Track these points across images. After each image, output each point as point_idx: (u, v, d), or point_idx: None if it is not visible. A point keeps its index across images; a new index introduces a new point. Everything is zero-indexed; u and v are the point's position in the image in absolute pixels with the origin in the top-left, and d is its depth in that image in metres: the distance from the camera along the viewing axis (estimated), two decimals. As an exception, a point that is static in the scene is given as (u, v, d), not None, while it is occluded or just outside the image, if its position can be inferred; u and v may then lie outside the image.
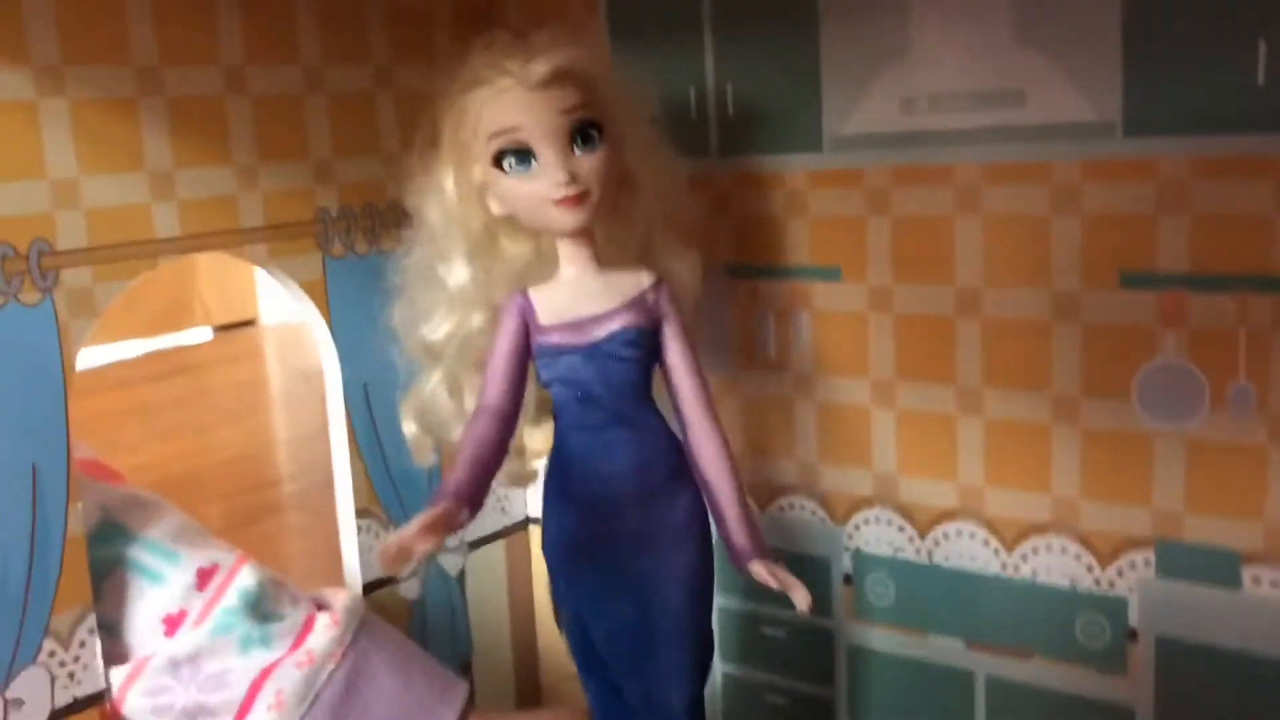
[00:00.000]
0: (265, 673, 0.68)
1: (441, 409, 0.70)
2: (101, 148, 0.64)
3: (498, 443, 0.63)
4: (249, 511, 1.50)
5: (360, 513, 0.79)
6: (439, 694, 0.72)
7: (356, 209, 0.77)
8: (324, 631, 0.70)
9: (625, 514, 0.64)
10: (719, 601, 0.84)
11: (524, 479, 0.76)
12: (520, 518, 0.92)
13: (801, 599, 0.61)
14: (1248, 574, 0.64)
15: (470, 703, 0.74)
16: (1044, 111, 0.66)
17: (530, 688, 0.93)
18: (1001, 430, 0.71)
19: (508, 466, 0.73)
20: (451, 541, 0.85)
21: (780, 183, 0.76)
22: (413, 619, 0.83)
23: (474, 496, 0.60)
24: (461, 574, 0.87)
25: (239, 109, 0.70)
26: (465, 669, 0.87)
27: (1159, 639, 0.67)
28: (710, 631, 0.67)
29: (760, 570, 0.62)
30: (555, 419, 0.66)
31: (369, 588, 0.80)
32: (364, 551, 0.80)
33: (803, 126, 0.74)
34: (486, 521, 0.89)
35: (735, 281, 0.79)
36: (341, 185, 0.76)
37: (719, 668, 0.85)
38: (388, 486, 0.81)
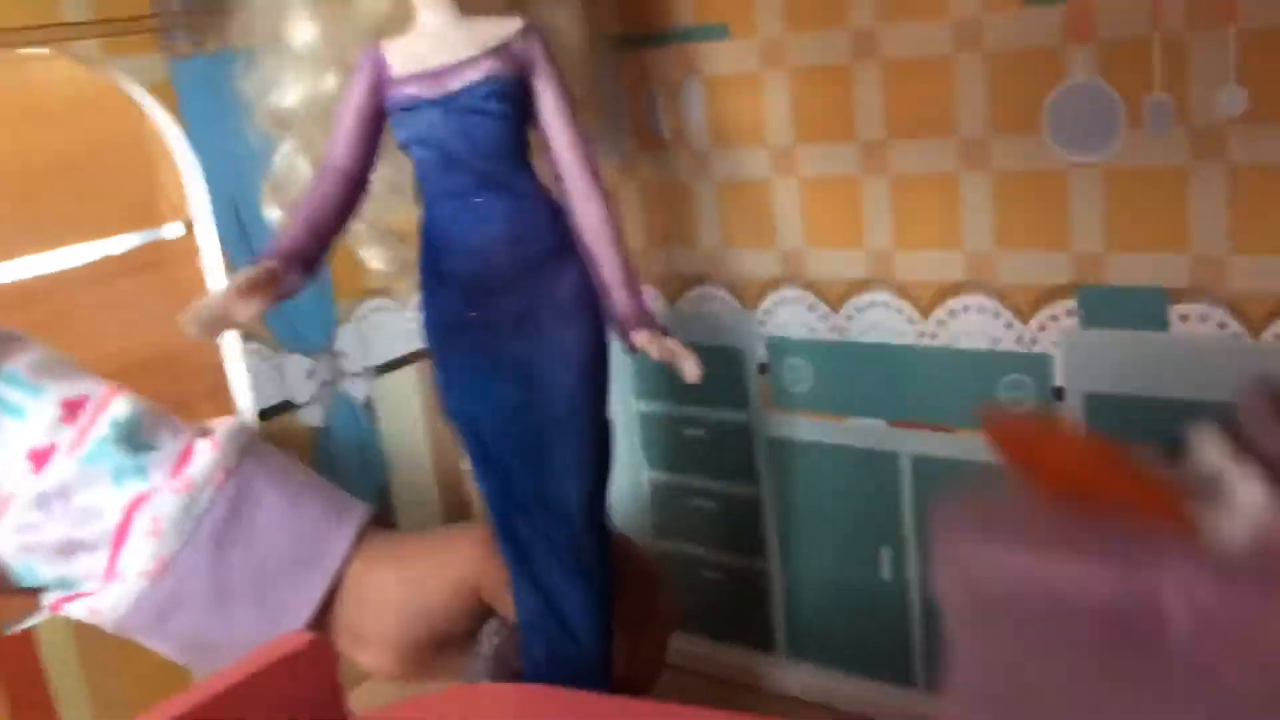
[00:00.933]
0: (140, 500, 0.64)
1: (301, 184, 0.65)
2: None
3: (339, 204, 0.57)
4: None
5: (246, 335, 0.75)
6: (333, 516, 0.68)
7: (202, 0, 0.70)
8: (203, 457, 0.66)
9: (503, 291, 0.58)
10: (640, 407, 0.80)
11: (412, 268, 0.71)
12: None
13: (689, 369, 0.57)
14: (1175, 313, 0.58)
15: (375, 526, 0.70)
16: None
17: (458, 518, 0.90)
18: (908, 186, 0.65)
19: (390, 253, 0.68)
20: (353, 367, 0.81)
21: (655, -66, 0.69)
22: (317, 448, 0.79)
23: (305, 257, 0.55)
24: (370, 400, 0.82)
25: (45, -111, 0.64)
26: (382, 499, 0.83)
27: (1086, 395, 0.62)
28: (607, 421, 0.62)
29: (644, 340, 0.57)
30: (420, 189, 0.60)
31: (265, 415, 0.76)
32: (256, 377, 0.75)
33: None
34: (396, 345, 0.84)
35: (618, 53, 0.72)
36: (183, -24, 0.70)
37: (645, 476, 0.81)
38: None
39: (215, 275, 0.74)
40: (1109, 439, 0.18)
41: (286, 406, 0.77)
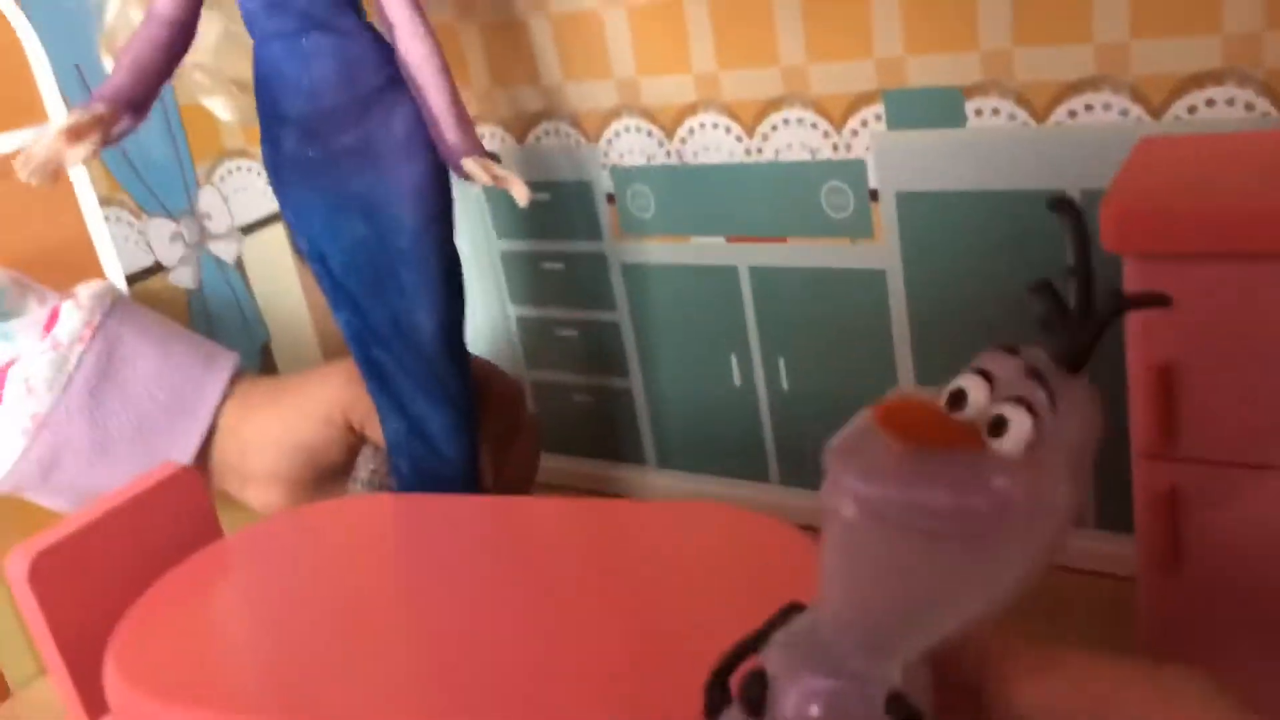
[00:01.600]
0: (10, 364, 0.67)
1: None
2: None
3: (166, 47, 0.59)
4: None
5: (104, 201, 0.76)
6: (204, 364, 0.70)
7: None
8: (69, 317, 0.68)
9: (339, 128, 0.61)
10: (500, 246, 0.83)
11: (253, 116, 0.72)
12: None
13: (519, 192, 0.60)
14: (970, 108, 0.63)
15: (250, 372, 0.73)
16: None
17: (342, 368, 0.93)
18: (726, 6, 0.68)
19: (234, 101, 0.69)
20: (219, 229, 0.83)
21: None
22: (192, 310, 0.82)
23: (133, 100, 0.56)
24: (239, 261, 0.85)
25: None
26: (264, 356, 0.86)
27: (898, 195, 0.67)
28: (454, 250, 0.65)
29: (473, 167, 0.60)
30: (249, 32, 0.61)
31: (133, 280, 0.78)
32: (118, 241, 0.77)
33: None
34: (257, 204, 0.86)
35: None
36: None
37: (511, 311, 0.85)
38: (126, 170, 0.77)
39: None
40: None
41: (155, 270, 0.79)
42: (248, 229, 0.85)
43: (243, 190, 0.84)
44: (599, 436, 0.84)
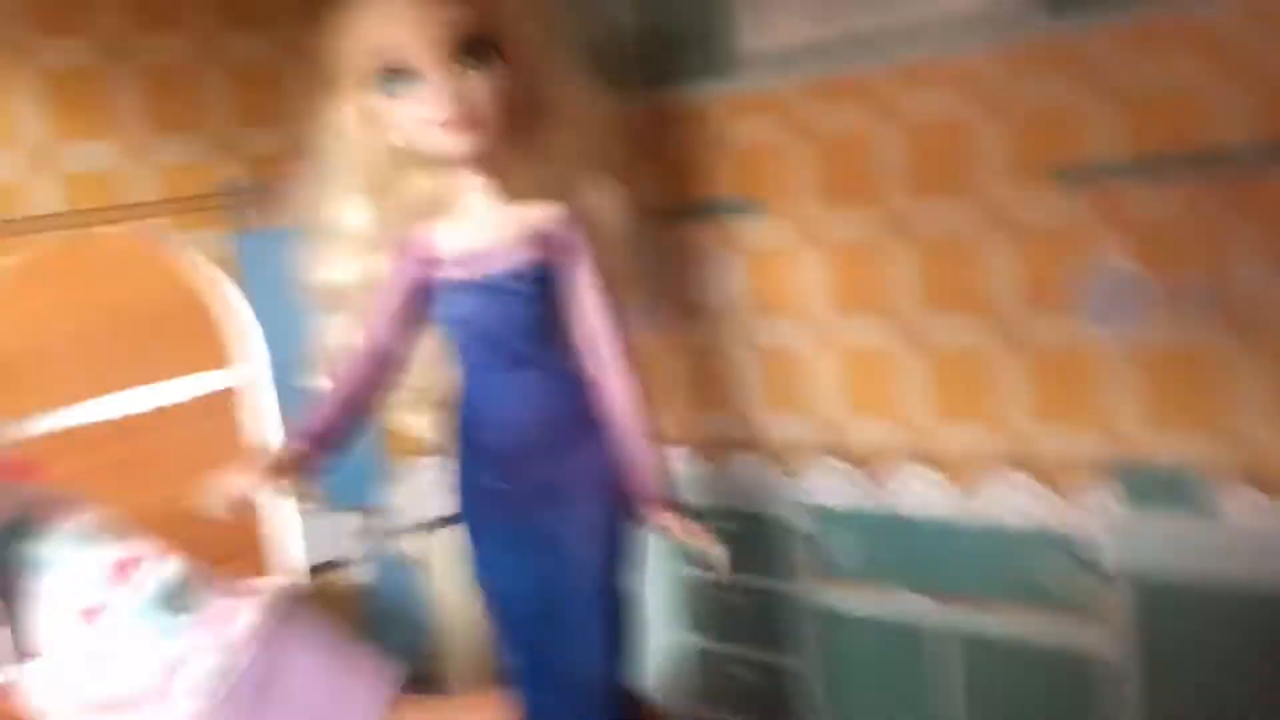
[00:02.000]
0: (181, 660, 0.66)
1: None
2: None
3: (372, 383, 0.59)
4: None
5: (298, 496, 0.76)
6: (368, 682, 0.68)
7: (263, 180, 0.74)
8: (243, 620, 0.67)
9: (530, 464, 0.60)
10: (680, 571, 0.79)
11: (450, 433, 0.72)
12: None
13: (717, 558, 0.57)
14: (1220, 497, 0.56)
15: (413, 691, 0.70)
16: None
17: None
18: (946, 360, 0.64)
19: (431, 419, 0.69)
20: (405, 525, 0.82)
21: (699, 113, 0.71)
22: (365, 606, 0.80)
23: (334, 438, 0.57)
24: (422, 558, 0.83)
25: (125, 80, 0.68)
26: (430, 659, 0.84)
27: (1130, 576, 0.60)
28: (627, 597, 0.62)
29: (668, 522, 0.57)
30: (457, 362, 0.62)
31: (314, 571, 0.77)
32: (307, 532, 0.77)
33: (714, 49, 0.69)
34: (446, 502, 0.84)
35: (658, 225, 0.73)
36: (248, 156, 0.73)
37: (688, 641, 0.80)
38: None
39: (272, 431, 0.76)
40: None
41: (336, 563, 0.78)
42: (433, 526, 0.84)
43: (433, 487, 0.84)
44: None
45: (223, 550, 0.74)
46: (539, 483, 0.59)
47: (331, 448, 0.56)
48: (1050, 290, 0.60)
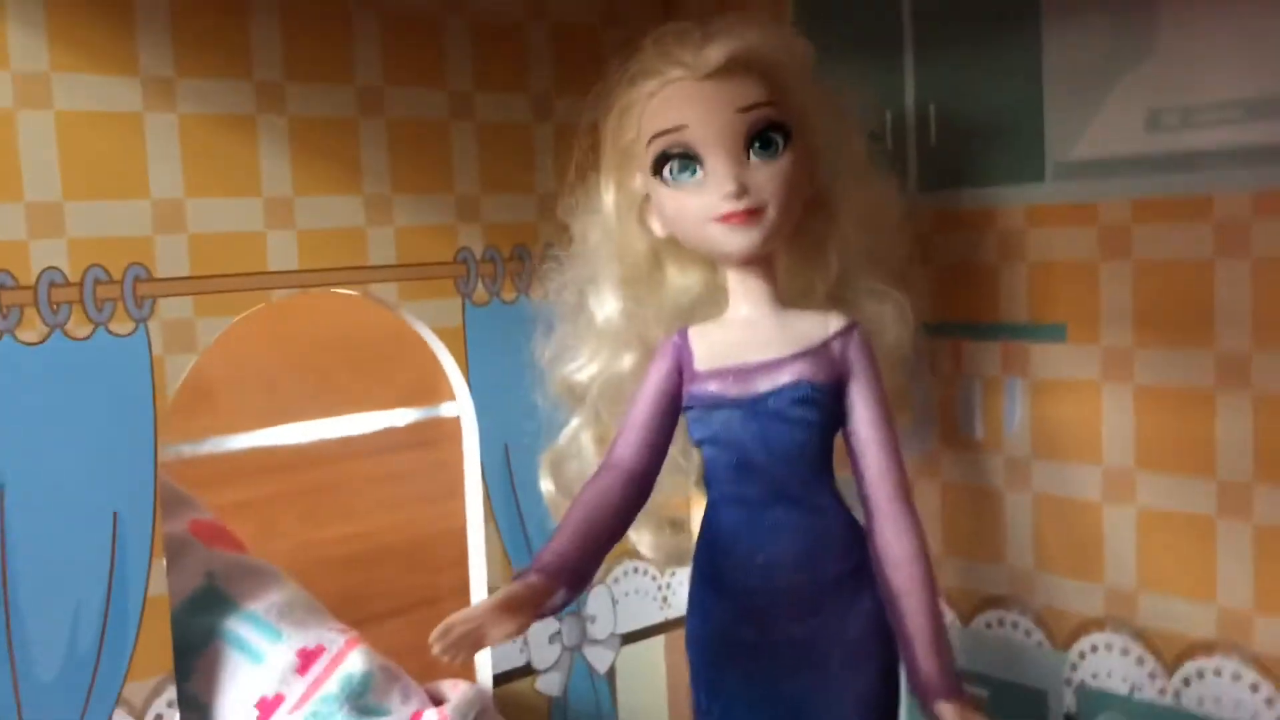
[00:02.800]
0: (356, 764, 0.60)
1: (583, 462, 0.60)
2: (212, 168, 0.58)
3: (619, 508, 0.52)
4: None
5: (495, 590, 0.70)
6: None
7: (504, 252, 0.69)
8: (431, 728, 0.61)
9: (786, 617, 0.51)
10: (914, 731, 0.69)
11: (684, 558, 0.65)
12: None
13: None
14: None
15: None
16: (1339, 121, 0.50)
17: (690, 811, 0.81)
18: (1275, 539, 0.54)
19: (662, 540, 0.62)
20: (599, 634, 0.75)
21: (991, 221, 0.62)
22: (552, 717, 0.73)
23: (575, 571, 0.49)
24: (612, 670, 0.76)
25: (373, 133, 0.64)
26: (611, 781, 0.76)
27: None
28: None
29: (950, 714, 0.48)
30: (707, 488, 0.54)
31: (500, 680, 0.70)
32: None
33: (1020, 151, 0.61)
34: (645, 612, 0.77)
35: (934, 341, 0.65)
36: (487, 225, 0.68)
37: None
38: (527, 559, 0.71)
39: (475, 524, 0.70)
40: None
41: (525, 671, 0.71)
42: (629, 637, 0.77)
43: (635, 594, 0.77)
44: None
45: (415, 587, 0.68)
46: (796, 640, 0.51)
47: (572, 584, 0.49)
48: None
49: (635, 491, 0.52)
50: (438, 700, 0.65)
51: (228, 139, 0.59)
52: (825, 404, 0.51)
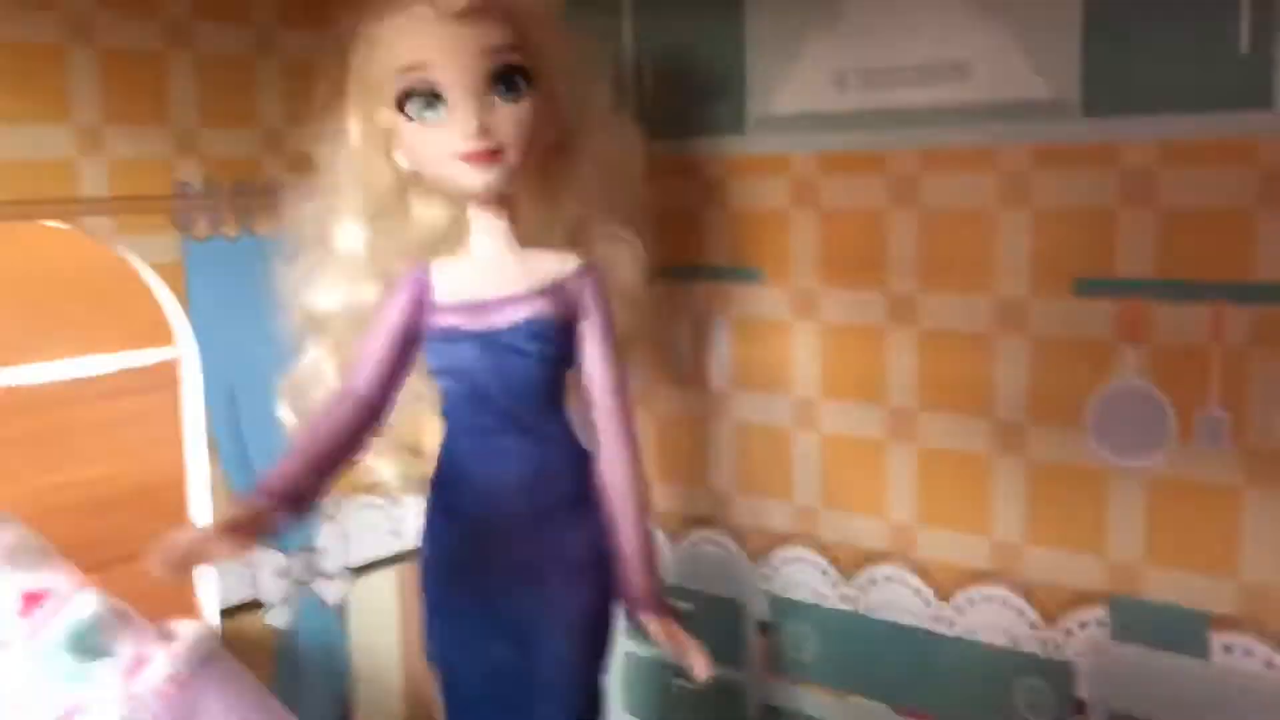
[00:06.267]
0: (80, 707, 0.59)
1: (322, 390, 0.60)
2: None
3: (349, 433, 0.53)
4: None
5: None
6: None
7: (225, 186, 0.68)
8: (156, 669, 0.61)
9: (511, 539, 0.54)
10: (626, 647, 0.74)
11: (423, 485, 0.67)
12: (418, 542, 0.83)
13: (700, 667, 0.52)
14: (1217, 641, 0.54)
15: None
16: (991, 87, 0.57)
17: (423, 735, 0.83)
18: (936, 461, 0.61)
19: (399, 467, 0.64)
20: (330, 568, 0.76)
21: (698, 170, 0.67)
22: (281, 651, 0.74)
23: (297, 492, 0.50)
24: (343, 603, 0.77)
25: (83, 61, 0.62)
26: (343, 710, 0.78)
27: (1111, 714, 0.57)
28: (600, 691, 0.57)
29: (655, 628, 0.53)
30: (443, 418, 0.56)
31: (228, 613, 0.71)
32: (223, 573, 0.70)
33: (724, 105, 0.65)
34: (376, 544, 0.79)
35: (647, 284, 0.69)
36: (208, 158, 0.68)
37: (624, 723, 0.75)
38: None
39: (197, 463, 0.70)
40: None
41: (253, 605, 0.72)
42: (360, 570, 0.78)
43: (367, 530, 0.78)
44: None
45: (143, 533, 0.67)
46: (519, 561, 0.54)
47: (298, 506, 0.50)
48: (1057, 403, 0.57)
49: (368, 417, 0.54)
50: (169, 639, 0.65)
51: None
52: (558, 340, 0.54)
